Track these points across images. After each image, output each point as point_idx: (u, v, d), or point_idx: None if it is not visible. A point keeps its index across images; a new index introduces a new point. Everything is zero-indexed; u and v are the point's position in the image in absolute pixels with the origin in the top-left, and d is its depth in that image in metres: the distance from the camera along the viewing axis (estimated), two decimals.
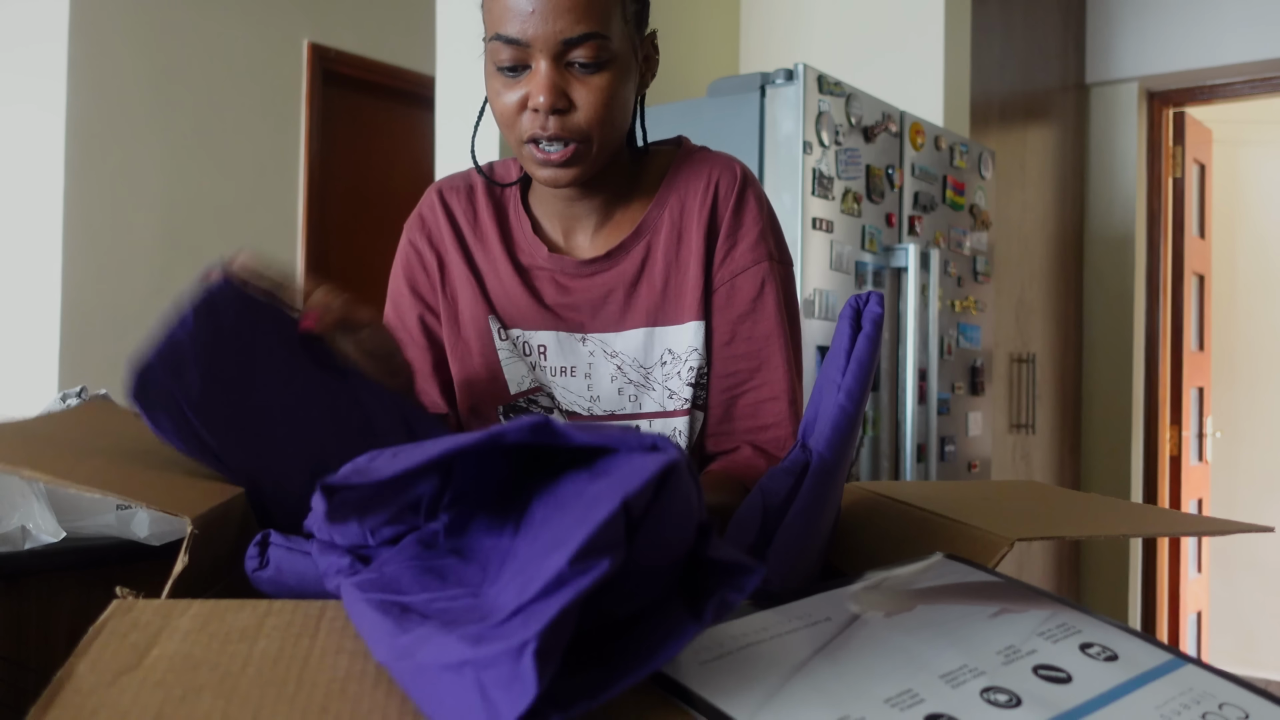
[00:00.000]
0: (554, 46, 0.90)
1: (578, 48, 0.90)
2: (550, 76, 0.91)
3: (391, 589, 0.49)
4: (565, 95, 0.92)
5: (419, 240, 1.09)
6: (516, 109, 0.94)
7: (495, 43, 0.93)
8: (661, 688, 0.43)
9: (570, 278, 1.04)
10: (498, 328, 1.05)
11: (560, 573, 0.38)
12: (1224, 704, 0.47)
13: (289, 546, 0.63)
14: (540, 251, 1.05)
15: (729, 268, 1.03)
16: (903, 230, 2.60)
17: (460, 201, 1.09)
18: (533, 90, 0.92)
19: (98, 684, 0.42)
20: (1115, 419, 4.03)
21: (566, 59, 0.91)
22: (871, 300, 0.69)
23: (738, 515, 0.61)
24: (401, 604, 0.46)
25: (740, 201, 1.04)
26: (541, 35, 0.90)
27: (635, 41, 0.97)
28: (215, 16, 3.53)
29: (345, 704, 0.41)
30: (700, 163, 1.06)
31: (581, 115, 0.92)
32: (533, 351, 1.05)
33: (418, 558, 0.53)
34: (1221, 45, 3.81)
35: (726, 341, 1.03)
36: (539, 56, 0.91)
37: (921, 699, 0.44)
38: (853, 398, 0.65)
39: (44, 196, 3.14)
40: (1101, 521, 0.77)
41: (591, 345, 1.04)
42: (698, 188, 1.04)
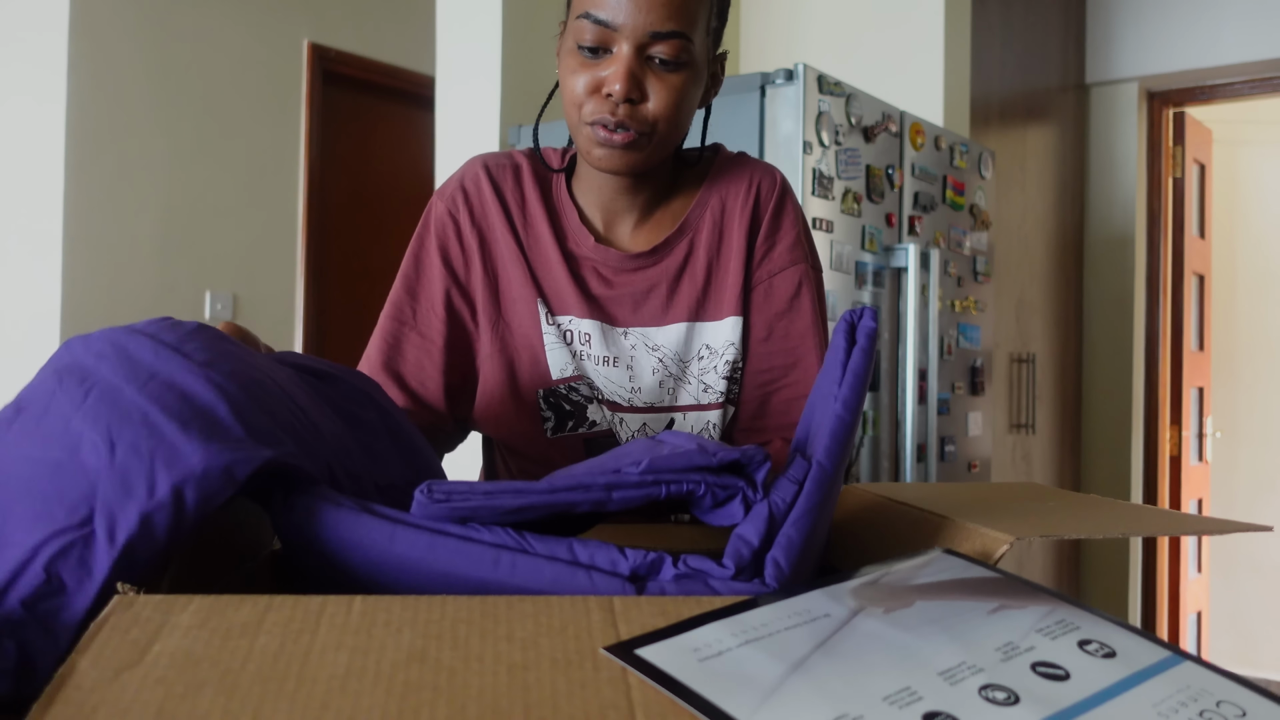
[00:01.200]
0: (641, 37, 0.91)
1: (662, 43, 0.91)
2: (631, 65, 0.91)
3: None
4: (640, 87, 0.93)
5: (460, 213, 1.07)
6: (588, 90, 0.94)
7: (582, 21, 0.93)
8: (660, 684, 0.43)
9: (614, 270, 1.05)
10: (545, 312, 1.05)
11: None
12: (1221, 701, 0.47)
13: (314, 492, 0.63)
14: (587, 241, 1.05)
15: (767, 267, 1.05)
16: (903, 230, 2.60)
17: (508, 180, 1.08)
18: (610, 77, 0.92)
19: (99, 680, 0.43)
20: (1115, 419, 4.03)
21: (648, 52, 0.92)
22: (865, 315, 0.72)
23: (747, 519, 0.62)
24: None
25: (780, 205, 1.07)
26: (631, 24, 0.90)
27: (711, 54, 1.00)
28: (215, 16, 3.53)
29: (346, 701, 0.41)
30: (741, 166, 1.08)
31: (653, 108, 0.93)
32: (575, 339, 1.05)
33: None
34: (1221, 45, 3.82)
35: (764, 338, 1.05)
36: (624, 43, 0.91)
37: (920, 696, 0.44)
38: (849, 408, 0.67)
39: (44, 197, 3.15)
40: (1101, 521, 0.77)
41: (633, 339, 1.05)
42: (739, 189, 1.06)
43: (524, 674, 0.44)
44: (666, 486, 0.61)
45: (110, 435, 0.59)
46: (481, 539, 0.60)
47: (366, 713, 0.40)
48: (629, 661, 0.45)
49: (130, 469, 0.57)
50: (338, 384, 0.82)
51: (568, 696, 0.42)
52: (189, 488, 0.57)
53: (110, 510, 0.55)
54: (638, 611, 0.51)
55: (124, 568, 0.55)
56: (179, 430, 0.59)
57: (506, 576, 0.59)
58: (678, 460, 0.62)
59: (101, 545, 0.55)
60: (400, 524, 0.61)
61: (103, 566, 0.55)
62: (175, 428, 0.59)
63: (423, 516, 0.62)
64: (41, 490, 0.57)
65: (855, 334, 0.72)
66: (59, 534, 0.55)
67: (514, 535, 0.60)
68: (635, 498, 0.61)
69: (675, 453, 0.63)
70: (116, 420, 0.59)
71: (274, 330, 3.69)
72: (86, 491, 0.56)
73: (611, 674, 0.44)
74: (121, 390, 0.61)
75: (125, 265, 3.28)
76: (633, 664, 0.45)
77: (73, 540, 0.55)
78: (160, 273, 3.36)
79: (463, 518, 0.61)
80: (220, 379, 0.65)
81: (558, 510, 0.61)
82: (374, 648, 0.46)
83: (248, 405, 0.65)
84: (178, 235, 3.42)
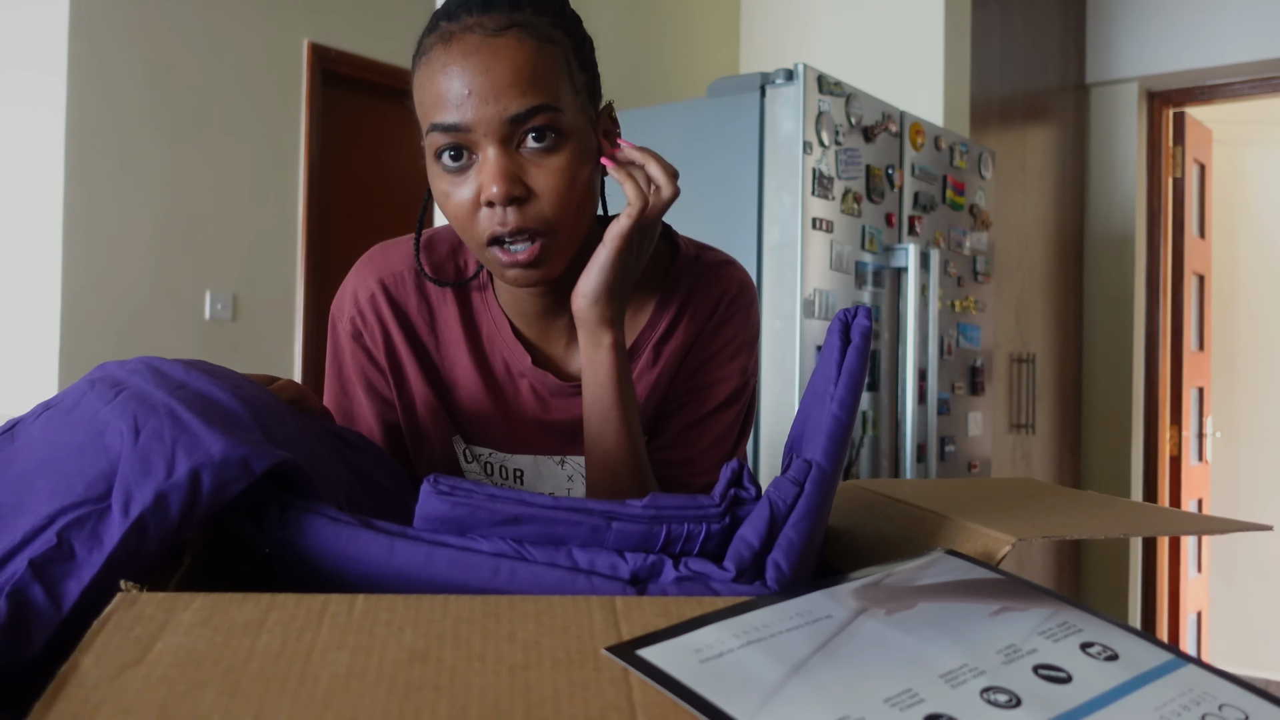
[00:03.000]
0: (500, 128, 0.79)
1: (526, 123, 0.79)
2: (501, 163, 0.79)
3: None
4: (521, 182, 0.80)
5: (368, 341, 0.95)
6: (471, 208, 0.81)
7: (434, 134, 0.81)
8: (661, 685, 0.43)
9: (552, 394, 0.94)
10: (463, 449, 0.95)
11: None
12: (1224, 705, 0.47)
13: (309, 509, 0.64)
14: (522, 360, 0.93)
15: (699, 379, 0.95)
16: (903, 230, 2.60)
17: (410, 296, 0.94)
18: (484, 182, 0.80)
19: (101, 678, 0.43)
20: (1115, 419, 4.03)
21: (516, 141, 0.80)
22: (860, 314, 0.71)
23: (748, 521, 0.62)
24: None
25: (727, 317, 0.95)
26: (484, 117, 0.78)
27: (591, 116, 0.86)
28: (215, 16, 3.53)
29: (348, 700, 0.41)
30: (703, 282, 0.95)
31: (544, 203, 0.81)
32: (498, 473, 0.96)
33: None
34: (1221, 45, 3.82)
35: (664, 445, 0.94)
36: (484, 143, 0.79)
37: (921, 699, 0.44)
38: (846, 408, 0.67)
39: (44, 196, 3.15)
40: (1100, 521, 0.77)
41: (570, 469, 0.95)
42: (686, 314, 0.95)
43: (525, 674, 0.44)
44: (667, 526, 0.61)
45: (136, 423, 0.61)
46: (480, 549, 0.60)
47: (368, 712, 0.40)
48: (630, 662, 0.45)
49: (152, 451, 0.59)
50: (361, 451, 0.82)
51: (569, 697, 0.42)
52: (206, 472, 0.58)
53: (128, 487, 0.57)
54: (639, 612, 0.51)
55: (134, 543, 0.56)
56: (202, 424, 0.61)
57: (506, 584, 0.59)
58: (682, 500, 0.62)
59: (115, 518, 0.56)
60: (399, 537, 0.61)
61: (113, 538, 0.56)
62: (199, 421, 0.61)
63: (423, 514, 0.62)
64: (64, 467, 0.60)
65: (850, 333, 0.71)
66: (76, 505, 0.57)
67: (512, 543, 0.60)
68: (633, 533, 0.61)
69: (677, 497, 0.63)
70: (144, 412, 0.62)
71: (274, 330, 3.69)
72: (107, 470, 0.59)
73: (613, 674, 0.44)
74: (151, 393, 0.64)
75: (125, 265, 3.28)
76: (634, 664, 0.45)
77: (88, 512, 0.57)
78: (160, 273, 3.36)
79: (461, 517, 0.61)
80: (246, 396, 0.67)
81: (555, 530, 0.61)
82: (376, 647, 0.46)
83: (269, 420, 0.67)
84: (178, 235, 3.42)
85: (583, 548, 0.61)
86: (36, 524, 0.57)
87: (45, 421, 0.65)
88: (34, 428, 0.65)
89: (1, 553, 0.55)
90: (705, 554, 0.62)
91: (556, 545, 0.61)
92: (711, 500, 0.63)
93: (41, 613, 0.53)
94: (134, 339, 3.26)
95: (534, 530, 0.61)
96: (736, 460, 0.65)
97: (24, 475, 0.61)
